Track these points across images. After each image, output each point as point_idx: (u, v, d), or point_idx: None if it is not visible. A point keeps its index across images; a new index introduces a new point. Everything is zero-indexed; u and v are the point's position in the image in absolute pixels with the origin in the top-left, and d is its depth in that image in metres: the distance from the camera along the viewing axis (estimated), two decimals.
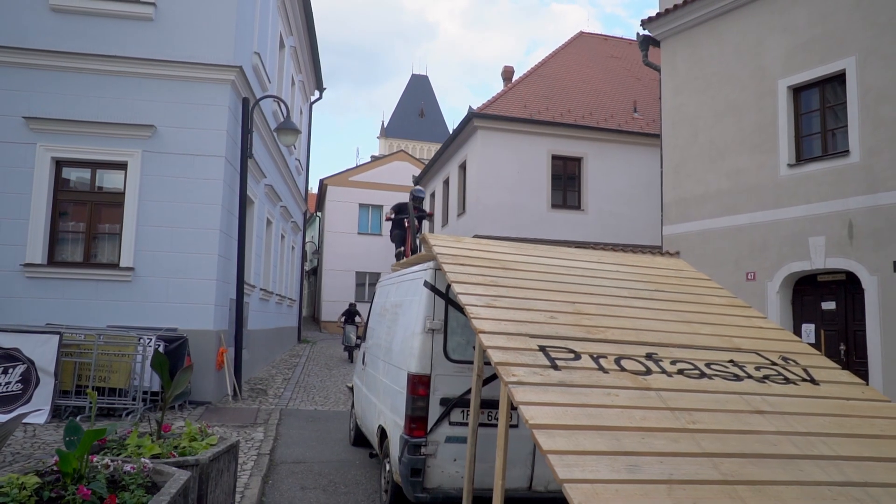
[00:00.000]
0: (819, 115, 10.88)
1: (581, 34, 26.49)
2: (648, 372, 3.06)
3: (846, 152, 10.21)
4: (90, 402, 8.24)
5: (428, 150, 61.98)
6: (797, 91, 11.15)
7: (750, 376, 3.24)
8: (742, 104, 11.84)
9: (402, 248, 12.86)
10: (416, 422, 4.69)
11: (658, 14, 13.43)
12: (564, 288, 3.95)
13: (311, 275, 38.68)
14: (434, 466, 4.70)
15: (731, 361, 3.38)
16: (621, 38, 27.13)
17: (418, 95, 74.02)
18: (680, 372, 3.12)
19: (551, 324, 3.40)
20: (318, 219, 38.06)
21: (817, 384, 3.33)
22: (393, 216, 13.18)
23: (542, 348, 3.09)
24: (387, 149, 66.95)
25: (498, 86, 26.09)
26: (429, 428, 4.70)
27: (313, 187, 39.59)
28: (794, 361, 3.59)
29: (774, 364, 3.47)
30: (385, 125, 72.44)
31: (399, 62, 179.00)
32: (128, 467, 3.51)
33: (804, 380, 3.35)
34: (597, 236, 18.52)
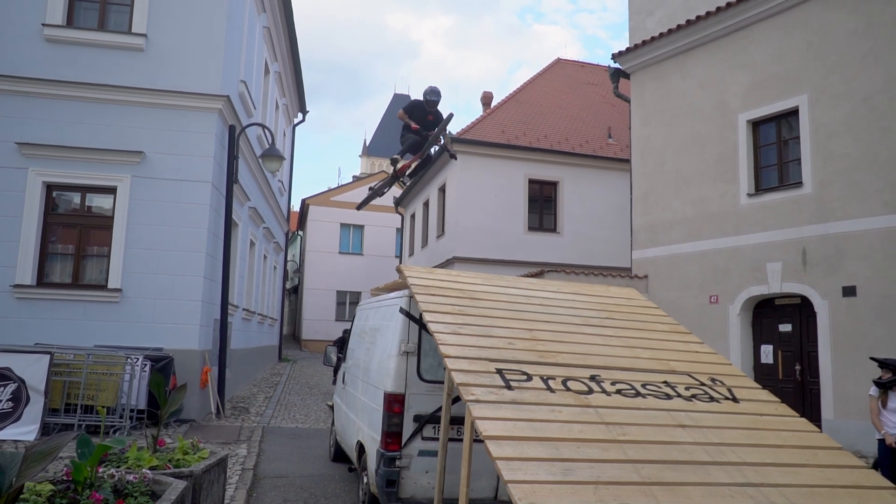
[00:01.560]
0: (776, 147, 11.57)
1: (558, 60, 27.30)
2: (590, 391, 3.55)
3: (800, 183, 10.88)
4: (79, 421, 8.59)
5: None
6: (756, 125, 11.84)
7: (679, 395, 3.73)
8: (705, 136, 12.52)
9: (408, 159, 11.65)
10: (392, 437, 5.12)
11: (628, 48, 14.13)
12: (523, 316, 4.45)
13: (292, 293, 38.90)
14: (408, 478, 5.14)
15: (664, 382, 3.88)
16: (597, 65, 27.97)
17: None
18: (618, 391, 3.61)
19: (509, 349, 3.88)
20: (299, 238, 38.36)
21: (738, 402, 3.84)
22: (406, 118, 11.71)
23: (499, 371, 3.57)
24: (368, 167, 67.55)
25: (479, 105, 26.77)
26: (403, 442, 5.13)
27: (295, 205, 39.94)
28: (720, 382, 4.10)
29: (703, 385, 3.97)
30: (367, 143, 72.97)
31: (382, 80, 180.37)
32: (130, 477, 3.92)
33: (726, 398, 3.85)
34: (572, 258, 19.10)
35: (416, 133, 10.94)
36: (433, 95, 10.99)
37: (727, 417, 3.58)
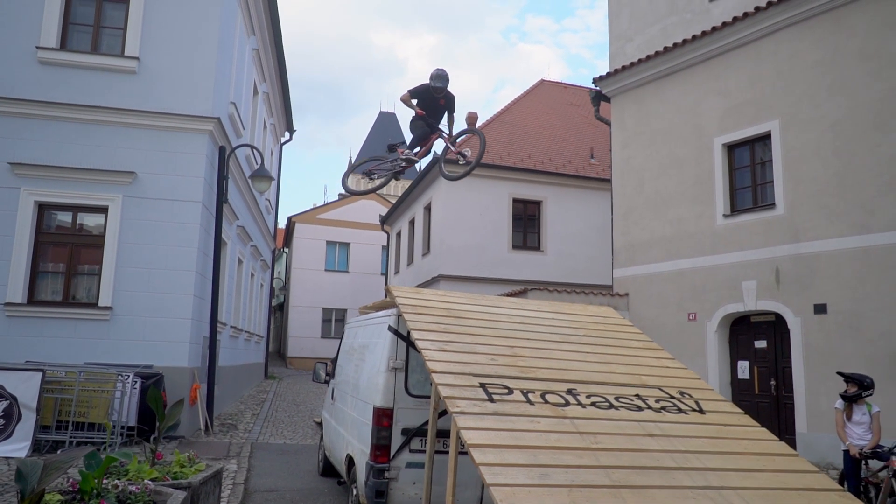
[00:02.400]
0: (750, 170, 12.01)
1: (542, 82, 27.84)
2: (567, 404, 3.82)
3: (773, 205, 11.31)
4: (71, 437, 8.71)
5: (394, 186, 62.84)
6: (731, 148, 12.29)
7: (650, 407, 4.01)
8: (683, 158, 12.95)
9: (417, 149, 10.01)
10: (381, 449, 5.35)
11: (608, 73, 14.60)
12: (505, 334, 4.72)
13: (278, 310, 38.89)
14: (396, 489, 5.36)
15: (636, 395, 4.16)
16: (580, 87, 28.56)
17: (386, 132, 75.11)
18: (593, 404, 3.88)
19: (491, 364, 4.15)
20: (285, 255, 38.44)
21: (704, 413, 4.13)
22: (411, 102, 10.06)
23: (483, 385, 3.83)
24: (354, 184, 67.71)
25: (464, 125, 27.04)
26: (392, 455, 5.36)
27: (281, 222, 40.07)
28: (689, 395, 4.39)
29: (672, 397, 4.26)
30: (353, 161, 73.24)
31: (367, 98, 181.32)
32: (133, 488, 4.13)
33: (693, 410, 4.14)
34: (556, 276, 19.43)
35: (422, 119, 9.44)
36: (439, 81, 9.25)
37: (693, 427, 3.87)
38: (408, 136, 9.77)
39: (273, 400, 16.14)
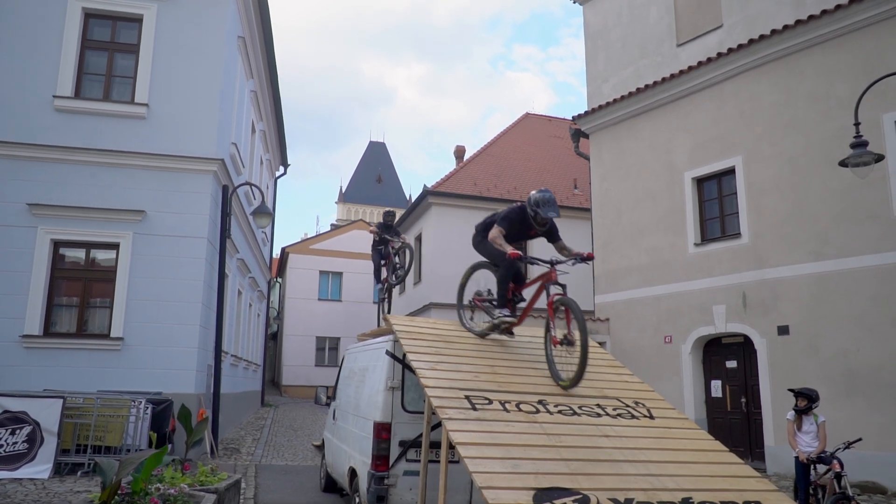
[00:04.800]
0: (718, 202, 12.94)
1: (527, 115, 28.98)
2: (537, 412, 4.59)
3: (738, 234, 12.21)
4: (89, 460, 9.34)
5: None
6: (700, 182, 13.23)
7: (608, 414, 4.78)
8: (657, 191, 13.88)
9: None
10: (381, 459, 6.09)
11: (586, 112, 15.59)
12: (486, 355, 5.50)
13: (272, 339, 39.38)
14: (394, 494, 6.08)
15: (597, 405, 4.93)
16: (563, 119, 29.68)
17: (376, 161, 76.08)
18: (559, 412, 4.65)
19: (475, 380, 4.93)
20: (279, 284, 39.07)
21: (653, 419, 4.90)
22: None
23: (467, 397, 4.60)
24: (345, 213, 68.52)
25: (452, 152, 28.22)
26: (390, 464, 6.09)
27: (275, 252, 40.75)
28: (643, 404, 5.16)
29: (628, 406, 5.03)
30: (343, 190, 74.07)
31: (357, 126, 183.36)
32: (171, 491, 4.85)
33: (645, 416, 4.91)
34: (541, 302, 20.19)
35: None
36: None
37: (642, 430, 4.65)
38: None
39: (271, 426, 16.74)
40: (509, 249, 5.93)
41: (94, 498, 4.45)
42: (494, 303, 6.45)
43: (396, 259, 11.84)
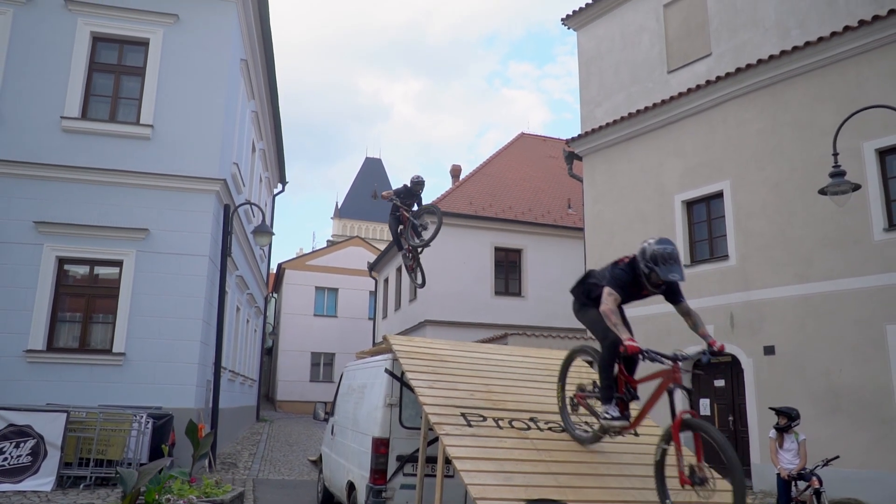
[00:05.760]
0: (706, 225, 13.30)
1: (522, 135, 29.44)
2: (528, 428, 4.88)
3: (726, 256, 12.56)
4: (91, 472, 9.54)
5: (381, 231, 63.95)
6: (689, 205, 13.60)
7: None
8: (648, 213, 14.24)
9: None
10: (379, 473, 6.35)
11: (580, 135, 15.99)
12: (481, 374, 5.79)
13: (267, 354, 39.50)
14: None
15: (585, 422, 5.22)
16: (558, 139, 30.14)
17: (372, 177, 76.46)
18: (549, 428, 4.94)
19: (470, 398, 5.21)
20: (274, 300, 39.24)
21: (637, 435, 5.19)
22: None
23: (463, 414, 4.89)
24: (340, 229, 68.80)
25: (449, 167, 28.62)
26: (388, 478, 6.35)
27: (272, 267, 40.97)
28: None
29: None
30: (339, 206, 74.37)
31: (353, 142, 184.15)
32: (181, 502, 5.11)
33: (629, 433, 5.20)
34: (536, 321, 20.54)
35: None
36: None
37: (627, 446, 4.94)
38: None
39: (267, 441, 16.92)
40: (625, 336, 4.70)
41: None
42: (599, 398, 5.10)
43: (417, 221, 10.49)
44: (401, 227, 10.65)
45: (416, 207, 10.63)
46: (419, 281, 11.07)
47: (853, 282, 10.62)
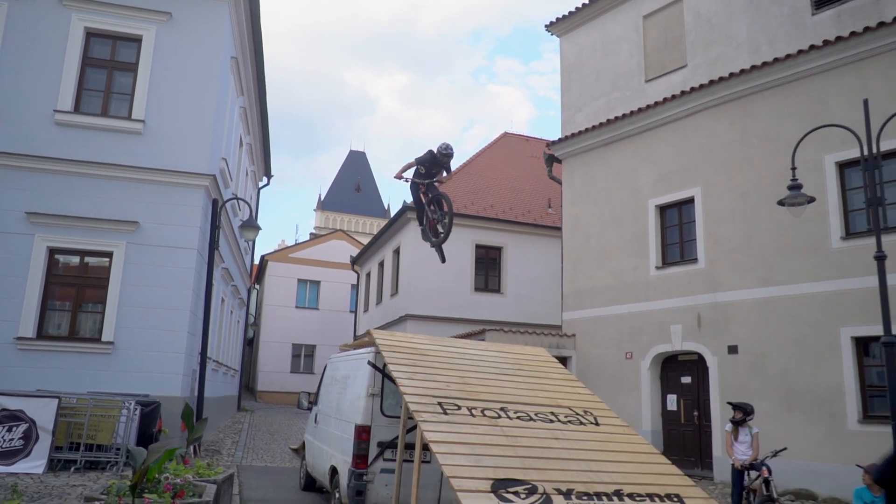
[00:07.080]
0: (678, 229, 13.89)
1: (505, 135, 29.92)
2: (499, 417, 5.37)
3: (695, 260, 13.16)
4: (81, 457, 9.90)
5: (363, 224, 64.24)
6: (662, 209, 14.19)
7: (559, 420, 5.58)
8: (623, 217, 14.81)
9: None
10: (360, 458, 6.82)
11: (560, 139, 16.51)
12: (458, 367, 6.27)
13: (248, 345, 39.72)
14: (372, 490, 6.81)
15: (551, 412, 5.72)
16: (540, 139, 30.67)
17: (356, 170, 76.51)
18: (518, 417, 5.44)
19: (447, 389, 5.69)
20: (256, 291, 39.44)
21: (599, 425, 5.70)
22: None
23: (440, 403, 5.37)
24: (323, 221, 68.95)
25: None
26: (369, 462, 6.83)
27: (255, 259, 41.12)
28: (591, 413, 5.97)
29: (577, 414, 5.83)
30: (322, 198, 74.41)
31: (338, 134, 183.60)
32: (177, 480, 5.53)
33: (591, 423, 5.71)
34: (514, 317, 21.08)
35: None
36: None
37: (588, 434, 5.46)
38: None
39: (249, 430, 17.30)
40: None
41: (112, 484, 5.12)
42: None
43: (435, 210, 10.24)
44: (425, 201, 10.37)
45: (444, 174, 10.34)
46: (441, 259, 11.36)
47: (812, 286, 11.25)
